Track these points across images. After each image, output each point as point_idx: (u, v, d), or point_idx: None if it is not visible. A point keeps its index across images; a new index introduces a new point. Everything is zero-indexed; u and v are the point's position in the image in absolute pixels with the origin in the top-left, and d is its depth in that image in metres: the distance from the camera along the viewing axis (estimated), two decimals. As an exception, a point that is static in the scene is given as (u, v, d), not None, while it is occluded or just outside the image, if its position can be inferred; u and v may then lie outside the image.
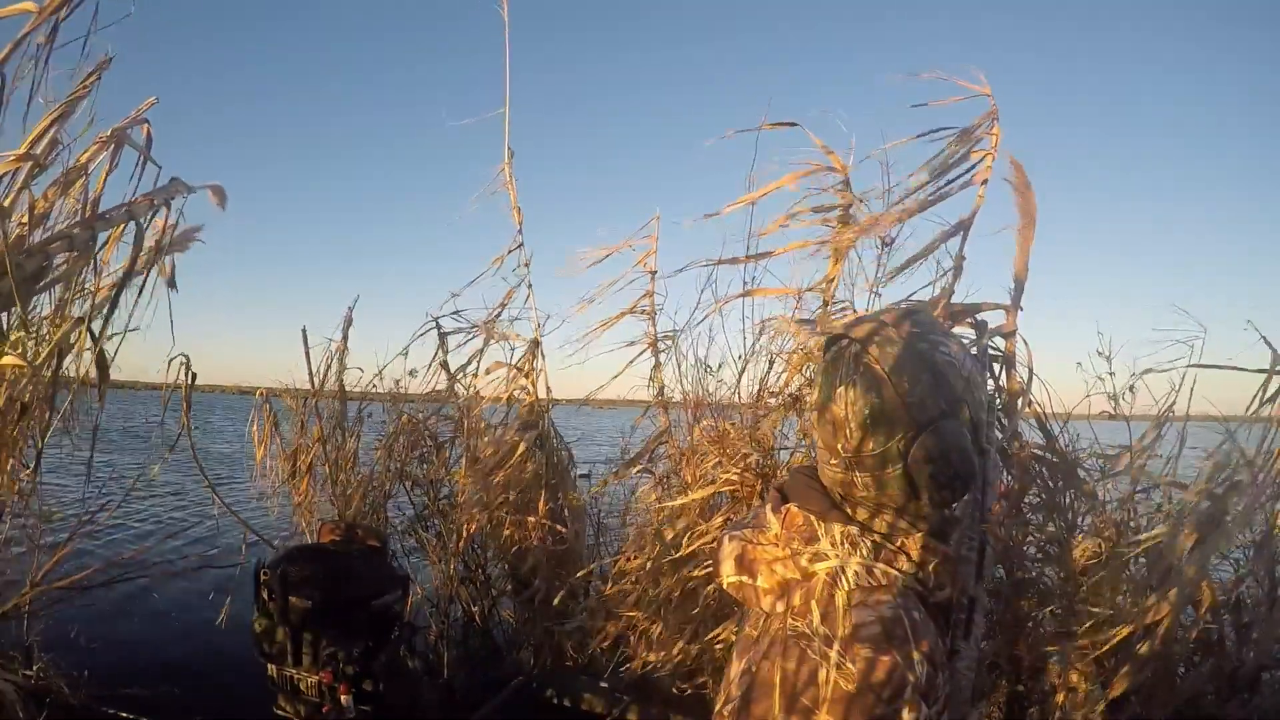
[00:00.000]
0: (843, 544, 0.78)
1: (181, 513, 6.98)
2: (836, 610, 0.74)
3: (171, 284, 2.27)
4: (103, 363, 2.16)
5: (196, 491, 7.47)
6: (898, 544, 0.79)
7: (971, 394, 0.81)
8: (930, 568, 0.80)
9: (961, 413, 0.79)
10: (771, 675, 0.74)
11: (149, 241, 2.13)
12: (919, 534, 0.80)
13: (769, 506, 0.87)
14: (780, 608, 0.79)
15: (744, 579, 0.83)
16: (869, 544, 0.79)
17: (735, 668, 0.82)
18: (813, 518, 0.81)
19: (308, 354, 3.15)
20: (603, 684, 2.58)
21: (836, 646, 0.72)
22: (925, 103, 1.96)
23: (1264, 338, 1.72)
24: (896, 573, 0.78)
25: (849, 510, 0.82)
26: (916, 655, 0.71)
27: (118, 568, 3.23)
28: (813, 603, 0.76)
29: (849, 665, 0.70)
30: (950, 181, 1.89)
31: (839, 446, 0.80)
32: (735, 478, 2.30)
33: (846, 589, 0.75)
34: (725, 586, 0.87)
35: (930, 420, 0.77)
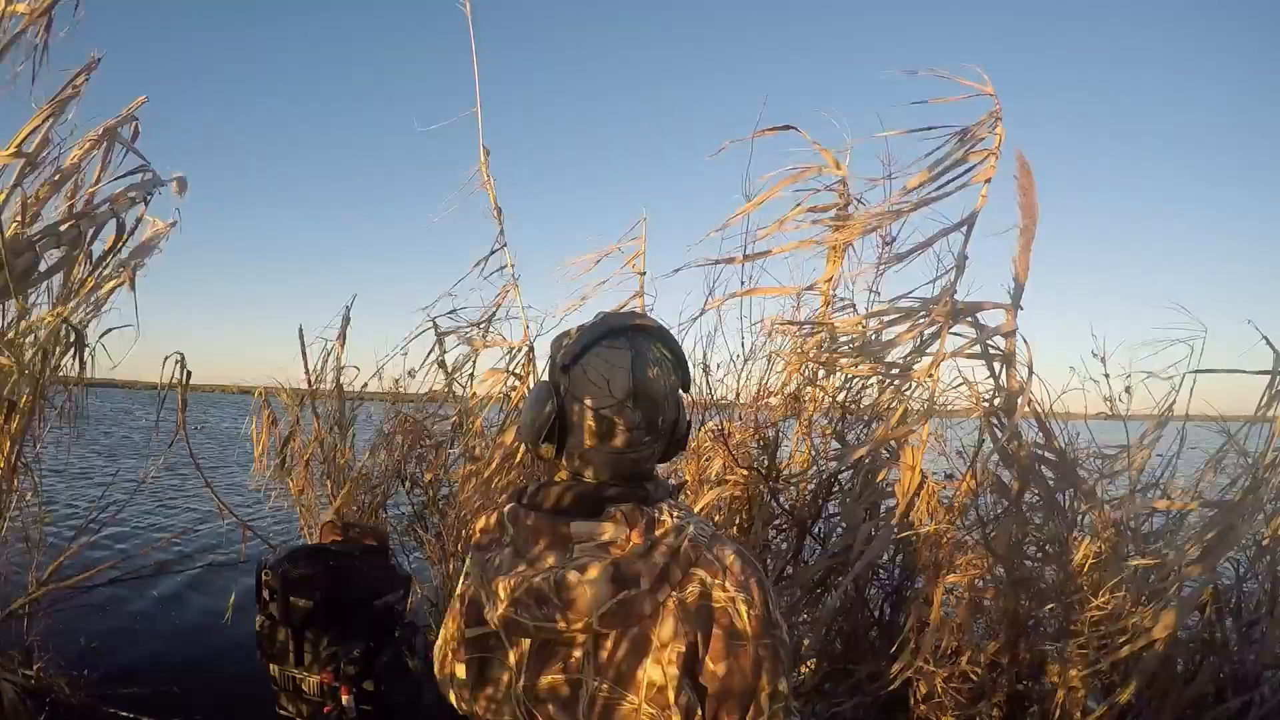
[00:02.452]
0: (682, 511, 0.88)
1: (180, 513, 6.98)
2: (716, 561, 0.83)
3: (131, 285, 2.30)
4: (80, 347, 2.17)
5: (195, 491, 7.47)
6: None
7: None
8: None
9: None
10: (735, 658, 0.80)
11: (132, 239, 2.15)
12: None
13: (577, 525, 0.85)
14: (663, 597, 0.81)
15: (627, 593, 0.80)
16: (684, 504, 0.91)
17: (653, 680, 0.80)
18: (641, 505, 0.86)
19: (304, 352, 3.15)
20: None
21: (754, 591, 0.82)
22: (925, 100, 1.96)
23: (1265, 338, 1.72)
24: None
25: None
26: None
27: (120, 568, 3.22)
28: (693, 569, 0.82)
29: (756, 590, 0.82)
30: (949, 181, 1.89)
31: (659, 421, 0.89)
32: (741, 479, 2.30)
33: (707, 542, 0.84)
34: (596, 620, 0.80)
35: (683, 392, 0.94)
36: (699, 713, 0.79)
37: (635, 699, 0.80)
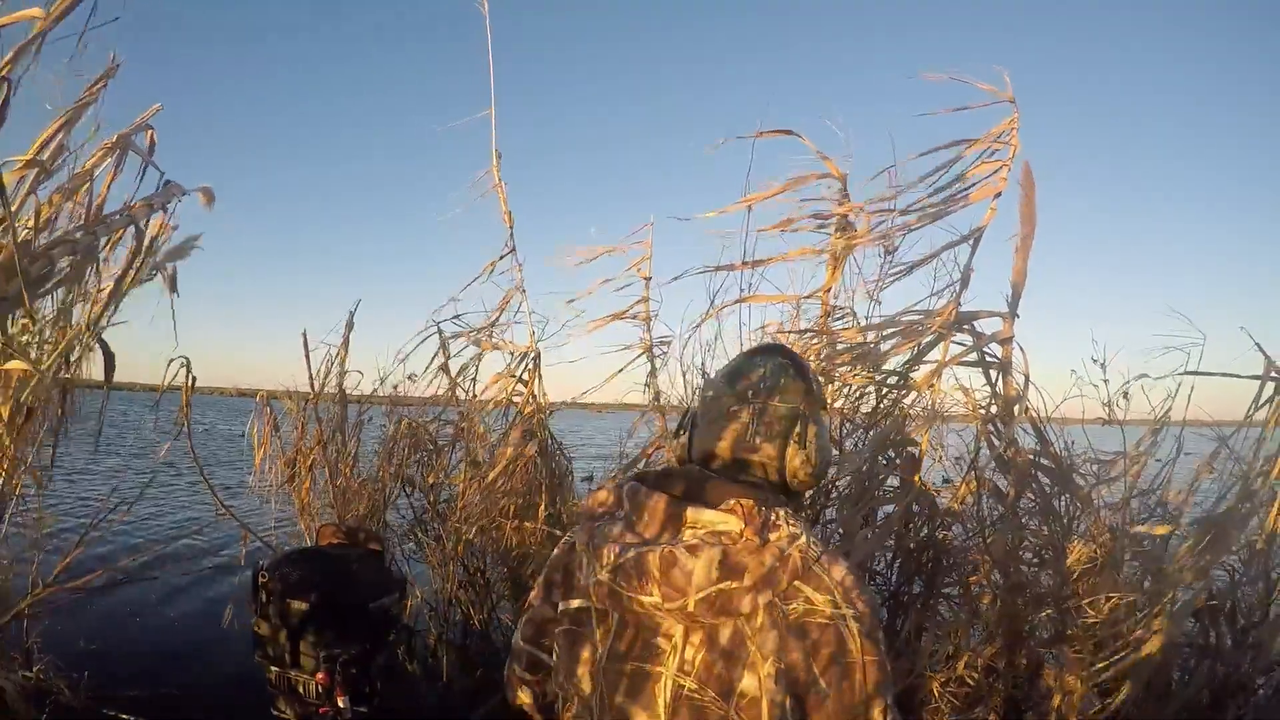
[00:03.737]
0: (800, 523, 0.87)
1: (181, 515, 6.99)
2: (825, 576, 0.83)
3: (173, 288, 2.30)
4: (110, 365, 2.18)
5: (196, 494, 7.48)
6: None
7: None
8: None
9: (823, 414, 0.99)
10: (822, 660, 0.80)
11: (146, 245, 2.16)
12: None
13: (695, 510, 0.85)
14: (764, 599, 0.81)
15: (728, 584, 0.80)
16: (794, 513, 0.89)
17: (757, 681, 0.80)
18: (762, 506, 0.85)
19: (308, 357, 3.16)
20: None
21: (862, 607, 0.83)
22: (933, 112, 1.96)
23: (1258, 345, 1.73)
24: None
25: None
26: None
27: (122, 571, 3.23)
28: (799, 584, 0.82)
29: (863, 608, 0.83)
30: (958, 194, 1.89)
31: (749, 410, 0.93)
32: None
33: (816, 556, 0.84)
34: (693, 602, 0.80)
35: (819, 408, 0.97)
36: None
37: (723, 705, 0.80)
